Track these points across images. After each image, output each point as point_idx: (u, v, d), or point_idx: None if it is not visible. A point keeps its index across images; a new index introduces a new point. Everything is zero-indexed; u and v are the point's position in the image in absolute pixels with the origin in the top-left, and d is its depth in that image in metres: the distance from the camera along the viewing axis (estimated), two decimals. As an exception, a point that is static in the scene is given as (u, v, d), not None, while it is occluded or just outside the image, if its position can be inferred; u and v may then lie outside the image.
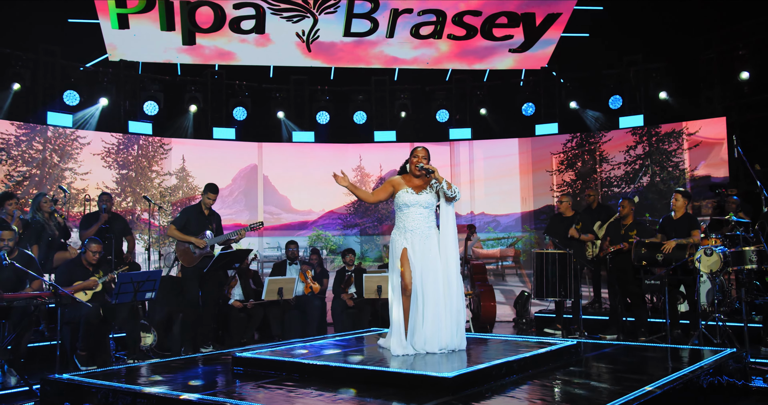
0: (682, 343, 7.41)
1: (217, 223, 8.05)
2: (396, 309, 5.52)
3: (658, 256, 7.77)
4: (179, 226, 7.80)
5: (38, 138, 10.34)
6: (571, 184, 11.71)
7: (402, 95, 12.40)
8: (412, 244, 5.48)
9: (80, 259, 7.28)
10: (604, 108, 11.67)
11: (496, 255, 11.83)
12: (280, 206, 11.92)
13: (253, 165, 11.90)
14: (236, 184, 11.71)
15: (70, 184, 10.48)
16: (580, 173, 11.56)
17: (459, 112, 12.39)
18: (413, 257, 5.45)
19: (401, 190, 5.61)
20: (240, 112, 11.74)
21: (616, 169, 11.34)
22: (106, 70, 10.91)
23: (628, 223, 8.50)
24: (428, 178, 5.62)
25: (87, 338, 6.85)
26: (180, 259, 7.81)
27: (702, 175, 10.64)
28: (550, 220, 9.44)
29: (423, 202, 5.58)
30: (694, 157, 10.72)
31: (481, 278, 9.95)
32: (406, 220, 5.57)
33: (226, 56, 11.86)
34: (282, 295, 8.91)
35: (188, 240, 7.75)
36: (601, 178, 11.42)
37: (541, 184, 11.88)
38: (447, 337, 5.42)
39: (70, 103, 10.34)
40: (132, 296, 6.93)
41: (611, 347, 6.55)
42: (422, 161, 5.58)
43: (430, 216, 5.60)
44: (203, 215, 7.94)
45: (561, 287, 8.52)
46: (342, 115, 12.31)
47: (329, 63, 12.41)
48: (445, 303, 5.46)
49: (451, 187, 5.50)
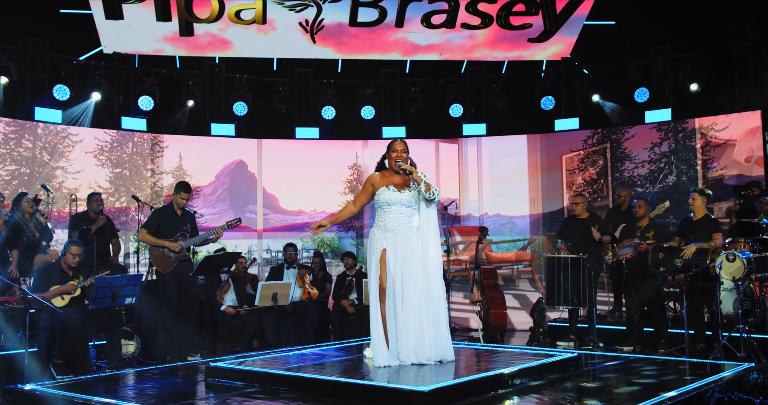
0: (705, 356, 7.24)
1: (192, 223, 7.98)
2: (375, 315, 5.48)
3: (677, 261, 7.63)
4: (151, 229, 7.75)
5: (27, 135, 10.47)
6: (592, 183, 11.55)
7: (413, 88, 12.32)
8: (394, 246, 5.44)
9: (60, 262, 7.33)
10: (629, 101, 11.47)
11: (511, 258, 11.71)
12: (268, 206, 11.90)
13: (239, 161, 11.89)
14: (220, 181, 11.70)
15: (62, 183, 10.59)
16: (600, 172, 11.40)
17: (473, 106, 12.28)
18: (393, 260, 5.42)
19: (382, 188, 5.56)
20: (240, 107, 11.76)
21: (640, 167, 11.15)
22: (99, 64, 11.00)
23: (643, 224, 8.35)
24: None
25: (63, 346, 6.90)
26: (155, 265, 7.77)
27: (715, 176, 10.43)
28: (563, 223, 9.32)
29: (405, 200, 5.53)
30: (710, 158, 10.56)
31: (492, 284, 9.84)
32: (387, 219, 5.53)
33: (224, 45, 11.86)
34: (277, 300, 8.89)
35: (161, 244, 7.68)
36: (623, 178, 11.24)
37: (559, 183, 11.74)
38: (429, 347, 5.36)
39: (60, 98, 10.43)
40: (110, 301, 6.96)
41: (620, 360, 6.43)
42: (401, 156, 5.51)
43: (413, 215, 5.55)
44: (176, 216, 7.88)
45: (574, 294, 8.39)
46: (349, 110, 12.26)
47: (340, 52, 12.35)
48: (427, 310, 5.40)
49: (429, 189, 5.42)
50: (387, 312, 5.40)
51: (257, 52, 12.20)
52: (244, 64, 12.16)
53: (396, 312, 5.35)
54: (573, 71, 11.90)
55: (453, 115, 12.25)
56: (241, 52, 12.10)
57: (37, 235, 8.30)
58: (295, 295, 9.47)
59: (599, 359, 6.51)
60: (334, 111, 12.17)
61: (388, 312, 5.40)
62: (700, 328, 7.84)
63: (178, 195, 7.89)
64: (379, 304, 5.47)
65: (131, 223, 11.07)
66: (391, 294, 5.38)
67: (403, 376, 4.99)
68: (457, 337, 9.86)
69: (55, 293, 7.05)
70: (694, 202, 7.88)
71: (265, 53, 12.29)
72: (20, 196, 8.47)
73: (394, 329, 5.37)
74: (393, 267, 5.39)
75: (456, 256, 11.74)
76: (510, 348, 6.66)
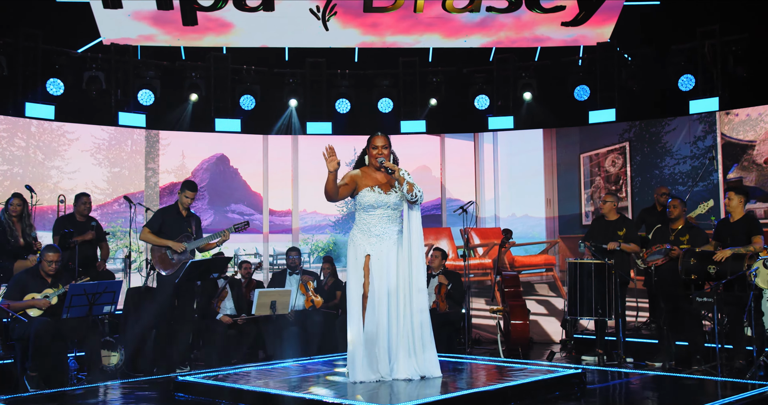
0: (743, 375, 6.99)
1: (197, 225, 8.12)
2: (353, 326, 5.42)
3: (710, 268, 7.39)
4: (153, 229, 7.88)
5: (20, 133, 10.66)
6: (616, 181, 11.34)
7: (434, 78, 12.19)
8: (379, 252, 5.40)
9: (37, 268, 7.42)
10: (673, 90, 11.16)
11: (535, 262, 11.51)
12: (253, 206, 11.87)
13: (219, 154, 11.88)
14: (197, 177, 11.68)
15: (56, 183, 10.76)
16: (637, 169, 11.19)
17: (501, 97, 12.09)
18: (378, 268, 5.36)
19: (365, 189, 5.48)
20: (248, 101, 11.77)
21: (681, 163, 10.85)
22: (95, 56, 11.14)
23: (678, 227, 8.11)
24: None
25: (37, 357, 6.97)
26: (156, 267, 7.89)
27: (734, 178, 10.14)
28: (591, 224, 9.12)
29: (392, 203, 5.48)
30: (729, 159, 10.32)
31: (514, 293, 9.68)
32: (371, 222, 5.47)
33: (225, 27, 11.80)
34: (276, 309, 8.88)
35: (165, 244, 7.83)
36: (663, 175, 10.98)
37: (590, 181, 11.55)
38: (411, 362, 5.31)
39: (53, 93, 10.57)
40: (87, 310, 7.02)
41: (637, 377, 6.25)
42: (382, 153, 5.43)
43: (398, 218, 5.50)
44: (181, 216, 8.02)
45: (598, 304, 8.21)
46: (365, 102, 12.19)
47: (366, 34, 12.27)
48: (411, 322, 5.34)
49: (412, 190, 5.32)
50: (367, 322, 5.33)
51: (265, 39, 12.20)
52: (251, 54, 12.19)
53: (378, 323, 5.29)
54: (610, 58, 11.63)
55: (478, 108, 12.08)
56: (246, 38, 12.08)
57: (21, 241, 8.41)
58: (297, 303, 9.46)
59: (615, 376, 6.35)
60: (348, 104, 12.11)
61: (368, 322, 5.33)
62: (740, 343, 7.58)
63: (183, 194, 8.01)
64: (360, 314, 5.39)
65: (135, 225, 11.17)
66: (373, 303, 5.32)
67: (379, 394, 4.93)
68: (477, 351, 9.74)
69: (28, 304, 7.13)
70: (730, 203, 7.64)
71: (273, 41, 12.29)
72: (11, 197, 8.63)
73: (374, 342, 5.30)
74: (377, 275, 5.32)
75: (479, 259, 11.59)
76: (509, 364, 6.50)
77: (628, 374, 6.40)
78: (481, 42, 12.48)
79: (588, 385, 5.84)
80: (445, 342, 9.22)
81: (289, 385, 5.33)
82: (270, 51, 12.36)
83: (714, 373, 7.07)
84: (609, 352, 8.46)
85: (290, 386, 5.24)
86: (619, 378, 6.16)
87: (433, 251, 9.77)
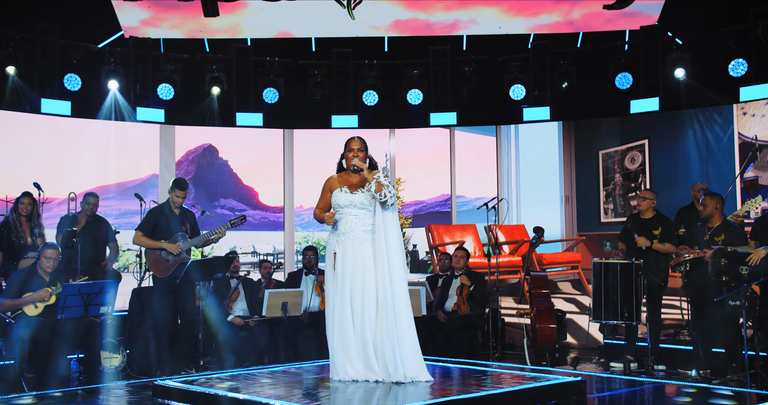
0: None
1: (192, 223, 8.18)
2: (329, 325, 5.59)
3: (743, 269, 7.14)
4: (146, 231, 7.96)
5: (35, 129, 10.91)
6: (636, 177, 11.12)
7: (466, 68, 12.05)
8: (344, 250, 5.65)
9: (36, 267, 7.60)
10: (723, 76, 10.80)
11: (562, 259, 11.33)
12: (244, 200, 11.86)
13: (207, 145, 11.88)
14: (182, 169, 11.66)
15: (69, 180, 10.99)
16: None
17: (538, 86, 11.88)
18: (341, 265, 5.60)
19: (336, 190, 5.81)
20: (271, 94, 11.84)
21: (710, 158, 10.59)
22: (114, 50, 11.34)
23: (714, 225, 7.84)
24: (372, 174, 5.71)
25: (33, 358, 7.14)
26: (152, 270, 7.99)
27: (750, 177, 9.76)
28: (625, 222, 8.92)
29: (358, 202, 5.73)
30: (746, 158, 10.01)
31: (542, 294, 9.51)
32: (340, 221, 5.75)
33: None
34: (287, 311, 8.92)
35: (159, 246, 7.91)
36: (686, 173, 10.76)
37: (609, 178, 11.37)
38: (382, 364, 5.35)
39: (70, 88, 10.81)
40: (82, 310, 7.16)
41: (649, 386, 6.07)
42: (357, 155, 5.74)
43: (367, 218, 5.72)
44: (174, 215, 8.09)
45: (624, 307, 8.01)
46: (393, 94, 12.14)
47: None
48: (384, 322, 5.40)
49: (381, 190, 5.54)
50: (333, 321, 5.58)
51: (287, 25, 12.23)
52: (275, 46, 12.25)
53: (342, 322, 5.44)
54: (652, 42, 11.30)
55: (513, 98, 11.90)
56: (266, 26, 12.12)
57: (29, 240, 8.64)
58: (313, 304, 9.47)
59: (622, 385, 6.19)
60: (376, 96, 12.07)
61: (334, 321, 5.57)
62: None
63: (173, 193, 8.11)
64: (332, 313, 5.61)
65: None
66: (338, 301, 5.48)
67: (353, 397, 4.92)
68: (508, 357, 9.62)
69: (27, 301, 7.32)
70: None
71: (299, 30, 12.33)
72: (21, 196, 8.87)
73: (344, 342, 5.44)
74: (341, 272, 5.50)
75: (509, 257, 11.45)
76: (509, 370, 6.38)
77: (639, 383, 6.22)
78: (517, 28, 12.30)
79: (599, 393, 5.73)
80: (465, 346, 9.16)
81: (262, 389, 5.35)
82: (294, 42, 12.41)
83: (744, 384, 6.84)
84: (640, 359, 8.26)
85: (261, 391, 5.27)
86: (627, 387, 5.98)
87: (457, 251, 9.69)
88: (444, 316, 9.31)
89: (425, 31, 12.47)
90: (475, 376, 5.88)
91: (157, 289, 8.06)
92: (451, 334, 9.12)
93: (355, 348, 5.48)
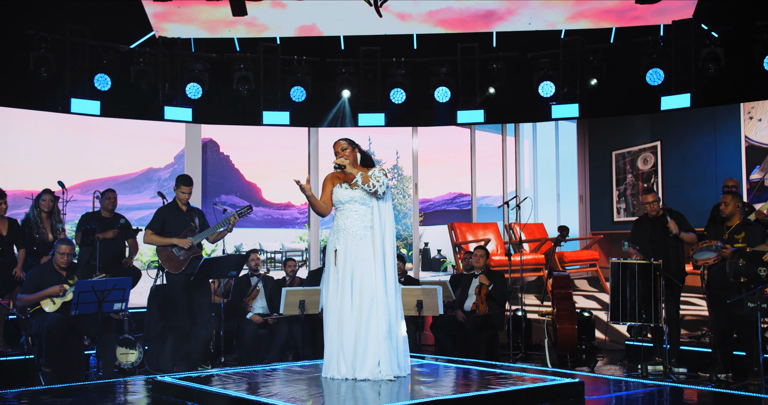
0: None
1: (201, 218, 8.31)
2: (327, 324, 5.66)
3: (761, 270, 6.98)
4: (156, 229, 8.11)
5: (64, 127, 11.16)
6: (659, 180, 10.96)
7: (494, 65, 11.97)
8: (345, 246, 5.73)
9: (51, 262, 7.79)
10: (758, 71, 10.55)
11: (584, 258, 11.19)
12: (247, 197, 11.85)
13: (207, 139, 11.85)
14: (181, 164, 11.68)
15: (92, 178, 11.23)
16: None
17: (568, 83, 11.75)
18: (343, 262, 5.66)
19: (336, 186, 5.93)
20: (298, 93, 11.93)
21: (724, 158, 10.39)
22: (143, 50, 11.55)
23: (733, 224, 7.69)
24: (365, 171, 5.85)
25: (49, 353, 7.32)
26: (165, 267, 8.12)
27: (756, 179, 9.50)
28: (633, 225, 8.82)
29: (359, 197, 5.81)
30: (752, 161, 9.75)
31: (564, 295, 9.43)
32: (340, 218, 5.87)
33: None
34: (305, 308, 8.98)
35: (169, 242, 8.05)
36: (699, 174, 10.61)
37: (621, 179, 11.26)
38: (370, 361, 5.43)
39: (100, 88, 11.04)
40: (96, 307, 7.32)
41: (653, 388, 5.98)
42: (343, 155, 5.89)
43: (367, 214, 5.79)
44: (181, 212, 8.23)
45: (643, 308, 7.90)
46: (421, 92, 12.13)
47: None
48: (377, 320, 5.47)
49: (368, 182, 5.65)
50: (331, 320, 5.63)
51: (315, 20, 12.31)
52: (302, 44, 12.34)
53: (340, 320, 5.49)
54: (684, 36, 11.09)
55: (543, 95, 11.78)
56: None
57: (50, 236, 8.86)
58: (332, 303, 9.51)
59: (622, 388, 6.10)
60: (404, 94, 12.08)
61: (331, 320, 5.62)
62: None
63: (179, 190, 8.24)
64: (329, 310, 5.67)
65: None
66: (338, 299, 5.50)
67: (339, 395, 4.95)
68: (533, 359, 9.55)
69: (42, 296, 7.50)
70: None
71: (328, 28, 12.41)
72: (42, 193, 9.10)
73: (340, 338, 5.50)
74: (342, 270, 5.55)
75: (532, 255, 11.36)
76: (503, 370, 6.32)
77: (641, 385, 6.12)
78: (545, 24, 12.19)
79: (602, 394, 5.67)
80: (484, 346, 9.12)
81: (257, 387, 5.41)
82: (322, 40, 12.48)
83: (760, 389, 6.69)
84: (664, 362, 8.16)
85: (256, 389, 5.32)
86: (626, 390, 5.90)
87: (476, 250, 9.65)
88: (463, 315, 9.29)
89: (457, 26, 12.41)
90: (463, 377, 5.86)
91: (172, 286, 8.19)
92: (469, 334, 9.09)
93: (350, 346, 5.50)
